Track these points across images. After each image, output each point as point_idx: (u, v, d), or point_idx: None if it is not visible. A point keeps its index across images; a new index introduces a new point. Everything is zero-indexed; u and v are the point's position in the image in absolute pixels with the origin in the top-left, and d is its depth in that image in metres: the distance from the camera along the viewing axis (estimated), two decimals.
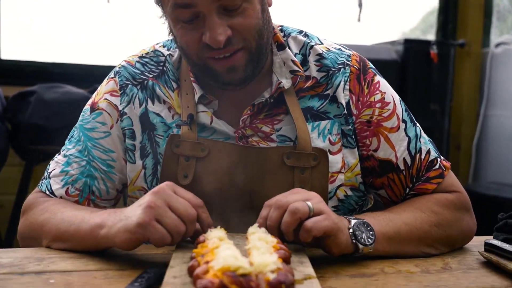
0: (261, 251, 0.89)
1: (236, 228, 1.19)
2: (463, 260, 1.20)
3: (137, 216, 1.01)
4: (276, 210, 1.05)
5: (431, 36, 4.21)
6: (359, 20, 3.68)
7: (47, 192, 1.31)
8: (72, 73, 3.29)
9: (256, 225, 1.06)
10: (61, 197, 1.30)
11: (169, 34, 1.30)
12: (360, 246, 1.08)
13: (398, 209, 1.24)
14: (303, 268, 0.98)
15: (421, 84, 3.36)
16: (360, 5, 3.68)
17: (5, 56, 3.34)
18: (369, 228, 1.11)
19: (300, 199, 1.05)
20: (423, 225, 1.21)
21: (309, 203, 1.04)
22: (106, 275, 1.02)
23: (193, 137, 1.26)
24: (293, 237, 1.05)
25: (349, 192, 1.32)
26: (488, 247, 1.19)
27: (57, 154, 1.36)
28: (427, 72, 3.35)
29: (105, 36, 3.51)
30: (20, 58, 3.36)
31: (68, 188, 1.30)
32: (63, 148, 1.36)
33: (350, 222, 1.10)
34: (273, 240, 0.98)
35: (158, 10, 1.27)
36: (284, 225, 1.03)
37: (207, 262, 0.86)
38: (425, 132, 1.38)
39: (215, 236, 0.98)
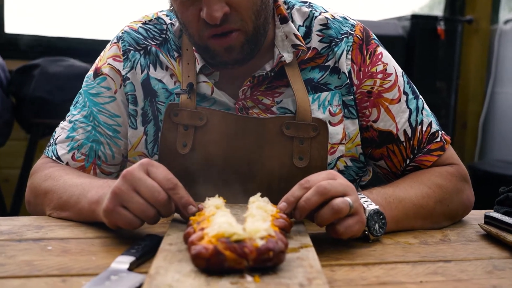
0: (255, 218, 0.89)
1: (235, 196, 1.18)
2: (463, 232, 1.19)
3: (104, 203, 0.99)
4: (316, 196, 0.96)
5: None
6: None
7: (54, 158, 1.32)
8: (76, 47, 3.27)
9: (258, 194, 1.05)
10: (67, 163, 1.31)
11: (170, 8, 1.29)
12: (371, 236, 1.06)
13: (405, 185, 1.22)
14: (300, 237, 0.98)
15: (428, 61, 3.32)
16: None
17: (9, 30, 3.32)
18: (381, 217, 1.07)
19: (341, 192, 0.98)
20: (429, 202, 1.20)
21: (350, 201, 0.97)
22: (104, 243, 1.02)
23: (192, 106, 1.26)
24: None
25: (349, 163, 1.32)
26: (488, 219, 1.19)
27: (62, 121, 1.37)
28: (433, 48, 3.32)
29: (109, 11, 3.49)
30: (24, 32, 3.35)
31: (74, 153, 1.31)
32: (68, 114, 1.36)
33: (365, 210, 1.05)
34: (272, 209, 0.98)
35: None
36: (320, 219, 0.97)
37: (202, 229, 0.86)
38: (431, 110, 1.37)
39: (212, 204, 0.98)
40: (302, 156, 1.24)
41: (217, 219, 0.86)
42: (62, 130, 1.34)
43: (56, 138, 1.34)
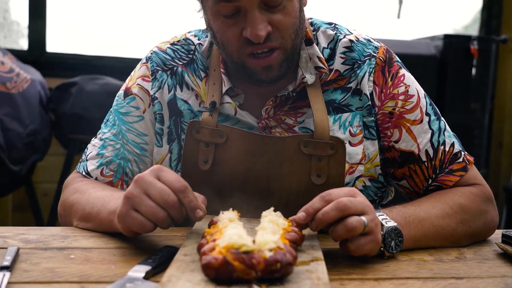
0: (266, 231, 0.91)
1: (255, 211, 1.21)
2: (480, 250, 1.19)
3: (118, 209, 1.03)
4: (335, 211, 0.99)
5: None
6: (398, 16, 3.65)
7: (84, 173, 1.38)
8: (112, 65, 3.38)
9: (271, 209, 1.08)
10: (96, 178, 1.36)
11: (206, 29, 1.32)
12: (387, 253, 1.08)
13: (427, 205, 1.22)
14: (313, 251, 1.01)
15: (461, 80, 3.29)
16: (400, 1, 3.64)
17: (50, 49, 3.45)
18: (399, 234, 1.08)
19: (360, 210, 1.00)
20: (450, 223, 1.20)
21: (365, 221, 0.99)
22: (123, 253, 1.07)
23: (213, 124, 1.29)
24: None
25: (368, 183, 1.33)
26: (506, 238, 1.19)
27: (93, 137, 1.42)
28: (467, 68, 3.29)
29: (143, 30, 3.60)
30: (64, 51, 3.48)
31: (103, 169, 1.36)
32: (99, 131, 1.42)
33: (382, 227, 1.07)
34: (284, 223, 1.01)
35: (196, 4, 1.30)
36: (334, 235, 0.99)
37: (214, 240, 0.89)
38: (464, 129, 1.40)
39: (226, 217, 1.02)
40: (320, 173, 1.26)
41: (228, 231, 0.89)
42: (93, 147, 1.40)
43: (88, 155, 1.40)
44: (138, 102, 1.38)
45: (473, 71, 3.28)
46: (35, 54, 3.39)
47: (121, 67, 3.29)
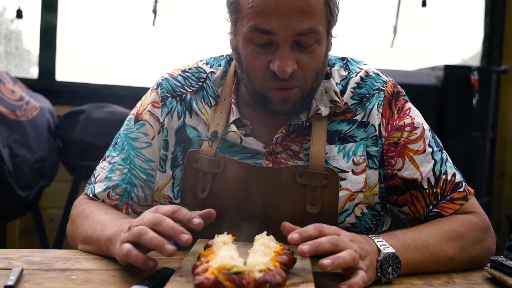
0: (257, 253, 0.96)
1: (251, 238, 1.25)
2: (469, 275, 1.23)
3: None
4: (331, 245, 1.04)
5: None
6: (392, 46, 3.72)
7: (91, 195, 1.42)
8: (119, 94, 3.46)
9: (264, 233, 1.13)
10: (103, 200, 1.41)
11: (233, 52, 1.36)
12: (384, 278, 1.11)
13: (427, 233, 1.26)
14: (304, 274, 1.04)
15: (462, 110, 3.34)
16: (395, 31, 3.72)
17: (59, 78, 3.55)
18: (397, 261, 1.12)
19: (357, 258, 1.05)
20: (449, 252, 1.24)
21: (363, 268, 1.06)
22: (123, 274, 1.11)
23: (211, 154, 1.33)
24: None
25: (365, 210, 1.37)
26: (494, 263, 1.22)
27: (102, 159, 1.47)
28: (467, 98, 3.33)
29: (150, 60, 3.69)
30: (73, 80, 3.58)
31: (109, 192, 1.40)
32: (107, 153, 1.46)
33: (380, 253, 1.11)
34: (276, 246, 1.05)
35: (227, 26, 1.34)
36: (330, 267, 1.02)
37: (207, 262, 0.94)
38: (465, 158, 1.44)
39: (220, 240, 1.06)
40: (315, 202, 1.30)
41: (221, 253, 0.94)
42: (101, 170, 1.44)
43: (96, 177, 1.44)
44: (147, 129, 1.42)
45: (474, 101, 3.32)
46: (45, 82, 3.49)
47: (127, 95, 3.37)
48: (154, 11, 3.53)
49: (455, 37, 4.24)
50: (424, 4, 3.72)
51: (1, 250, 1.26)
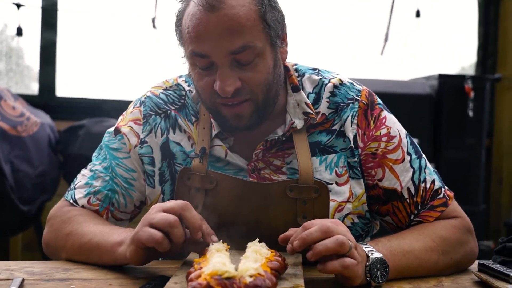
0: (248, 259, 1.00)
1: (243, 252, 1.29)
2: (457, 279, 1.26)
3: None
4: (318, 232, 1.09)
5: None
6: (382, 53, 3.77)
7: (71, 201, 1.45)
8: (117, 108, 3.49)
9: (256, 240, 1.17)
10: (82, 206, 1.43)
11: (188, 74, 1.41)
12: (373, 283, 1.15)
13: (411, 238, 1.30)
14: (295, 279, 1.08)
15: (457, 118, 3.38)
16: (385, 39, 3.77)
17: (59, 94, 3.60)
18: (384, 265, 1.16)
19: (345, 233, 1.11)
20: (433, 256, 1.28)
21: (350, 243, 1.09)
22: (120, 283, 1.15)
23: (203, 170, 1.37)
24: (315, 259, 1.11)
25: (356, 220, 1.41)
26: (481, 267, 1.26)
27: (83, 169, 1.51)
28: (462, 106, 3.38)
29: (146, 75, 3.76)
30: (73, 95, 3.63)
31: (90, 198, 1.44)
32: (89, 163, 1.50)
33: (368, 258, 1.15)
34: (267, 252, 1.09)
35: (181, 51, 1.38)
36: (323, 248, 1.07)
37: (200, 268, 0.98)
38: (461, 166, 1.46)
39: (214, 248, 1.10)
40: (306, 215, 1.33)
41: (213, 259, 0.97)
42: (82, 176, 1.48)
43: (76, 184, 1.48)
44: (126, 141, 1.45)
45: (469, 109, 3.37)
46: (45, 98, 3.54)
47: (125, 109, 3.41)
48: (153, 21, 3.57)
49: (451, 47, 4.30)
50: (418, 14, 3.76)
51: (3, 261, 1.30)
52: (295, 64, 1.50)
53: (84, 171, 1.50)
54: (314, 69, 1.49)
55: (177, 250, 1.15)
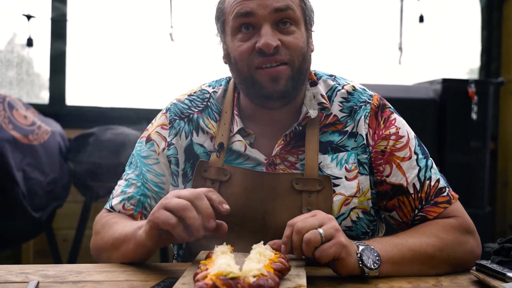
0: (252, 260, 1.05)
1: (252, 242, 1.32)
2: (456, 279, 1.30)
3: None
4: (296, 235, 1.19)
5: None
6: (400, 63, 3.81)
7: (109, 208, 1.55)
8: (126, 116, 3.57)
9: (261, 242, 1.22)
10: (119, 211, 1.53)
11: (224, 59, 1.52)
12: (366, 269, 1.21)
13: (405, 235, 1.37)
14: (298, 279, 1.13)
15: (461, 122, 3.41)
16: (400, 49, 3.82)
17: (70, 102, 3.67)
18: (375, 253, 1.23)
19: (315, 224, 1.18)
20: (427, 249, 1.33)
21: (321, 231, 1.17)
22: (131, 285, 1.20)
23: (219, 163, 1.46)
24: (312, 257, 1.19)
25: (361, 215, 1.47)
26: (479, 267, 1.30)
27: (120, 179, 1.60)
28: (465, 110, 3.42)
29: (154, 84, 3.83)
30: (83, 104, 3.71)
31: (124, 204, 1.53)
32: (124, 173, 1.60)
33: (358, 247, 1.23)
34: (271, 254, 1.14)
35: (217, 38, 1.51)
36: (304, 252, 1.17)
37: (207, 269, 1.03)
38: (466, 169, 1.51)
39: (219, 250, 1.15)
40: (310, 207, 1.40)
41: (219, 261, 1.02)
42: (118, 187, 1.58)
43: (114, 193, 1.58)
44: (155, 148, 1.55)
45: (472, 113, 3.40)
46: (56, 107, 3.62)
47: (134, 117, 3.47)
48: (171, 35, 3.63)
49: (454, 51, 4.34)
50: (421, 19, 3.81)
51: (18, 265, 1.35)
52: (314, 70, 1.58)
53: (120, 182, 1.59)
54: (331, 75, 1.58)
55: (192, 236, 1.19)
